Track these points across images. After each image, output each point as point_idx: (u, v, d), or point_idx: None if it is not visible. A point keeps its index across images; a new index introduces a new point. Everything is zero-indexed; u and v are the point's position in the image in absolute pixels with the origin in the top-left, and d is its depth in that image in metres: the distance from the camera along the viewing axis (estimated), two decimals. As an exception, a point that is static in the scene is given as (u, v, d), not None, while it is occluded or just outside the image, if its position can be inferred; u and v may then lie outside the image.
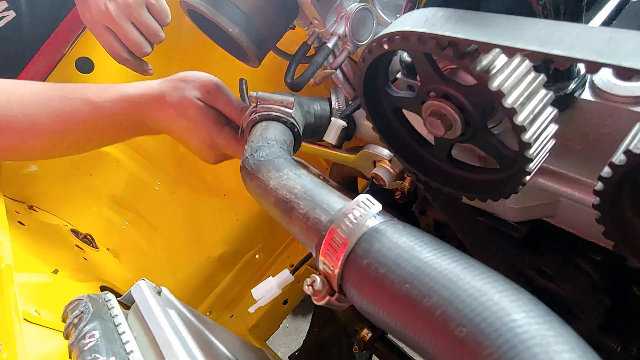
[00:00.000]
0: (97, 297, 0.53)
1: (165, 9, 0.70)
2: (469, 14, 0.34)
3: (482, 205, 0.53)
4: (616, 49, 0.27)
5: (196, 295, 1.05)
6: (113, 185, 0.99)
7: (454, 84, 0.36)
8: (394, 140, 0.47)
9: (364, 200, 0.36)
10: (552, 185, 0.42)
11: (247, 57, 0.63)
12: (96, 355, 0.42)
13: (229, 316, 1.09)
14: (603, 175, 0.30)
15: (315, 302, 0.36)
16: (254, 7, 0.58)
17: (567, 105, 0.41)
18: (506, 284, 0.27)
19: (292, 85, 0.60)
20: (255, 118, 0.59)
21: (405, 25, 0.35)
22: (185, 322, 0.51)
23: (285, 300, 1.10)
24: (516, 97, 0.32)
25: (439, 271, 0.29)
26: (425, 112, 0.39)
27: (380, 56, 0.39)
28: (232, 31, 0.57)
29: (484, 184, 0.41)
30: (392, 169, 0.59)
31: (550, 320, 0.25)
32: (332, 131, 0.63)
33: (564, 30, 0.29)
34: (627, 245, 0.34)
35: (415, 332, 0.28)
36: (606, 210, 0.33)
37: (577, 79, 0.40)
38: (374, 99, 0.45)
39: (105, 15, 0.67)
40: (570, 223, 0.46)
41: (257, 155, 0.50)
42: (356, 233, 0.34)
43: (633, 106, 0.37)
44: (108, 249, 0.99)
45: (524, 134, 0.32)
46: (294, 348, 1.62)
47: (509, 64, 0.32)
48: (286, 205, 0.42)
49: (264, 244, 1.10)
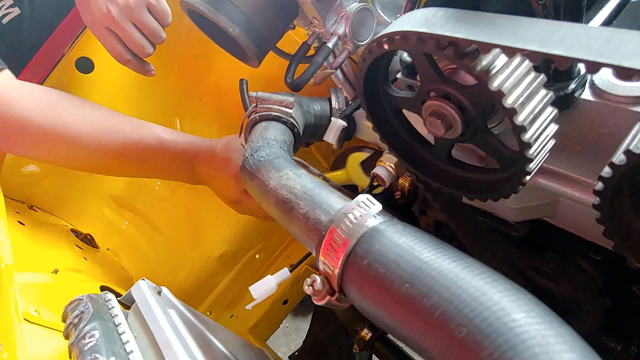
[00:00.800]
0: (97, 297, 0.53)
1: (166, 9, 0.71)
2: (469, 14, 0.34)
3: (482, 205, 0.53)
4: (616, 49, 0.27)
5: (196, 295, 1.05)
6: (113, 185, 0.99)
7: (454, 84, 0.36)
8: (394, 141, 0.46)
9: (364, 200, 0.36)
10: (552, 185, 0.42)
11: (247, 57, 0.63)
12: (96, 355, 0.42)
13: (229, 316, 1.09)
14: (603, 175, 0.30)
15: (316, 302, 0.36)
16: (254, 7, 0.58)
17: (567, 105, 0.41)
18: (506, 283, 0.27)
19: (292, 85, 0.60)
20: (255, 118, 0.59)
21: (405, 25, 0.35)
22: (186, 322, 0.51)
23: (286, 300, 1.10)
24: (516, 97, 0.32)
25: (439, 271, 0.29)
26: (426, 112, 0.39)
27: (380, 56, 0.39)
28: (232, 31, 0.57)
29: (484, 184, 0.41)
30: (392, 167, 0.59)
31: (551, 320, 0.25)
32: (332, 131, 0.63)
33: (564, 30, 0.29)
34: (627, 245, 0.34)
35: (415, 332, 0.28)
36: (606, 210, 0.33)
37: (577, 79, 0.40)
38: (374, 99, 0.45)
39: (107, 18, 0.68)
40: (570, 223, 0.46)
41: (257, 155, 0.50)
42: (356, 233, 0.34)
43: (633, 106, 0.37)
44: (108, 249, 0.99)
45: (524, 134, 0.32)
46: (294, 348, 1.62)
47: (509, 64, 0.32)
48: (286, 205, 0.42)
49: (264, 243, 1.10)
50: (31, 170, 0.92)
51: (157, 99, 1.00)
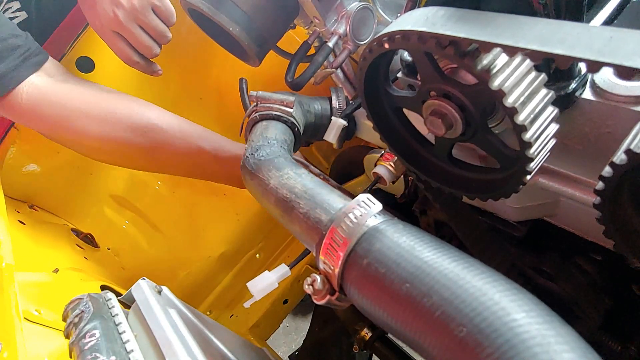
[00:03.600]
0: (97, 297, 0.53)
1: (170, 10, 0.71)
2: (470, 13, 0.34)
3: (482, 204, 0.53)
4: (617, 49, 0.27)
5: (196, 295, 1.05)
6: (114, 185, 0.99)
7: (454, 83, 0.36)
8: (394, 140, 0.46)
9: (364, 199, 0.36)
10: (553, 184, 0.42)
11: (247, 56, 0.63)
12: (96, 354, 0.42)
13: (229, 315, 1.09)
14: (604, 175, 0.30)
15: (316, 301, 0.36)
16: (255, 6, 0.58)
17: (567, 104, 0.41)
18: (506, 283, 0.27)
19: (293, 85, 0.60)
20: (255, 117, 0.59)
21: (406, 25, 0.35)
22: (186, 321, 0.51)
23: (286, 299, 1.10)
24: (517, 97, 0.31)
25: (439, 271, 0.28)
26: (426, 112, 0.39)
27: (380, 55, 0.39)
28: (232, 30, 0.57)
29: (484, 184, 0.41)
30: (393, 167, 0.59)
31: (551, 320, 0.25)
32: (332, 130, 0.63)
33: (565, 30, 0.29)
34: (627, 244, 0.34)
35: (415, 331, 0.28)
36: (607, 210, 0.33)
37: (578, 78, 0.40)
38: (375, 99, 0.45)
39: (114, 21, 0.68)
40: (570, 222, 0.46)
41: (257, 155, 0.50)
42: (356, 232, 0.34)
43: (634, 105, 0.37)
44: (108, 249, 0.99)
45: (525, 133, 0.32)
46: (294, 347, 1.62)
47: (510, 63, 0.32)
48: (286, 204, 0.42)
49: (264, 243, 1.10)
50: (32, 170, 0.92)
51: (157, 98, 1.00)
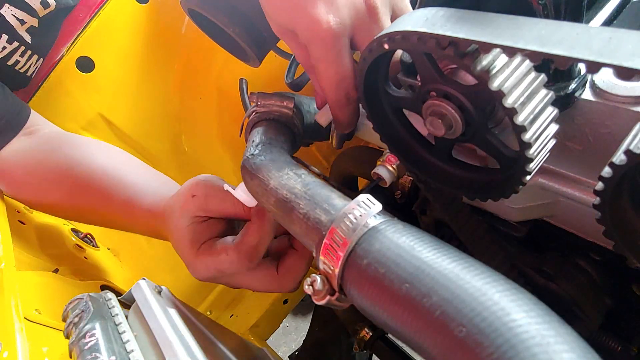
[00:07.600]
0: (97, 297, 0.53)
1: None
2: (470, 14, 0.34)
3: (482, 205, 0.53)
4: (617, 49, 0.27)
5: (196, 295, 1.05)
6: (113, 185, 0.99)
7: (454, 84, 0.36)
8: (394, 141, 0.46)
9: (364, 200, 0.36)
10: (553, 185, 0.42)
11: (247, 56, 0.63)
12: (96, 354, 0.42)
13: (229, 315, 1.09)
14: (603, 175, 0.30)
15: (316, 301, 0.36)
16: (255, 6, 0.58)
17: (567, 105, 0.41)
18: (506, 283, 0.27)
19: (292, 85, 0.60)
20: (255, 118, 0.59)
21: (405, 25, 0.35)
22: (186, 321, 0.51)
23: (286, 299, 1.10)
24: (516, 97, 0.32)
25: (439, 271, 0.29)
26: (426, 112, 0.39)
27: (380, 56, 0.39)
28: (232, 31, 0.57)
29: (484, 184, 0.41)
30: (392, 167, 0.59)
31: (550, 320, 0.25)
32: (332, 131, 0.62)
33: (565, 30, 0.29)
34: (627, 245, 0.34)
35: (415, 331, 0.28)
36: (606, 210, 0.33)
37: (577, 78, 0.40)
38: (374, 99, 0.45)
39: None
40: (570, 223, 0.46)
41: (257, 155, 0.50)
42: (356, 233, 0.34)
43: (633, 106, 0.37)
44: (108, 248, 0.99)
45: (525, 133, 0.32)
46: (294, 347, 1.63)
47: (510, 64, 0.32)
48: (286, 205, 0.42)
49: (264, 243, 1.10)
50: (32, 170, 0.92)
51: (157, 98, 1.00)
